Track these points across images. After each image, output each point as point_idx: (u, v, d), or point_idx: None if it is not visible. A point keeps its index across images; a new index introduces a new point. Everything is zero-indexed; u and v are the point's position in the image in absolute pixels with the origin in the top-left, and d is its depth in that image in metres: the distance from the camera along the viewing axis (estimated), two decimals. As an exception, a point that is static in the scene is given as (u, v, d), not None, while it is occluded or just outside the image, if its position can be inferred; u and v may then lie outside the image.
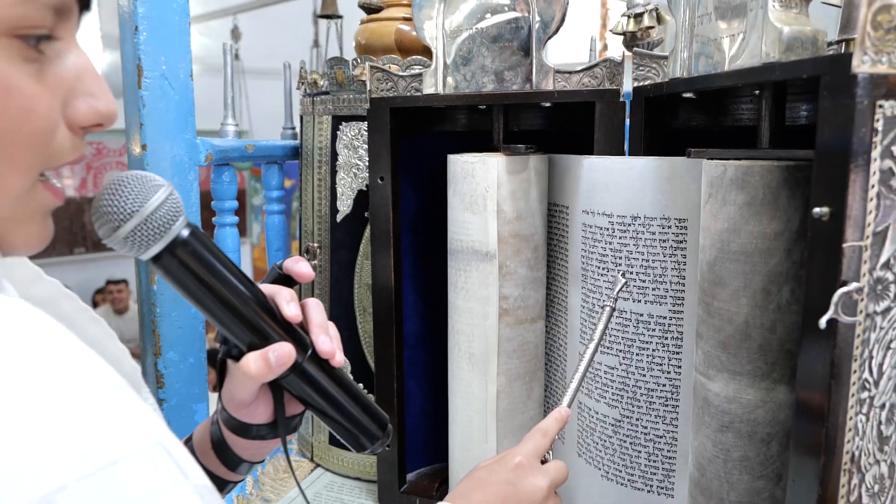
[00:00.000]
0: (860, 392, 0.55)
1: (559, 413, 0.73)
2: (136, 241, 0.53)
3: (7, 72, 0.40)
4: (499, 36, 0.93)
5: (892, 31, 0.50)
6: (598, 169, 0.88)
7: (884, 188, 0.52)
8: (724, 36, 0.68)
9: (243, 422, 0.64)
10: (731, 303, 0.68)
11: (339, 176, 1.13)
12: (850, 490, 0.57)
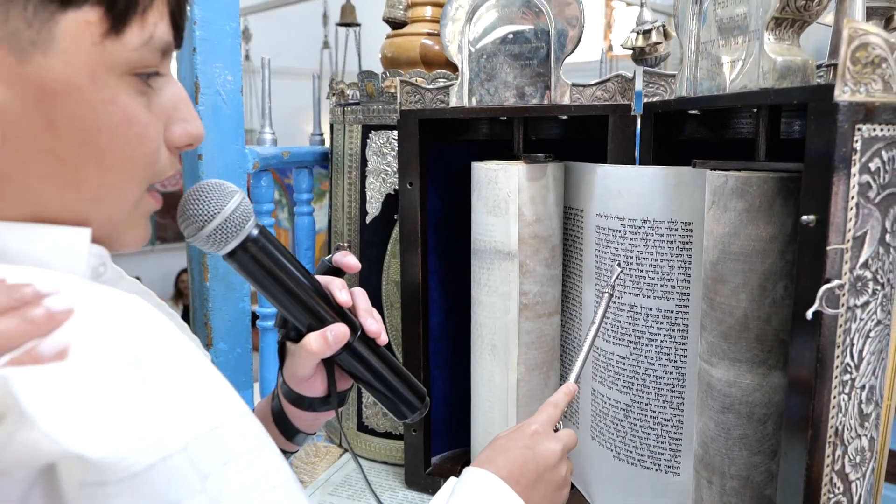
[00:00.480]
0: (843, 375, 0.64)
1: (567, 387, 0.82)
2: (216, 239, 0.62)
3: (128, 105, 0.49)
4: (520, 54, 1.02)
5: (869, 65, 0.59)
6: (610, 176, 0.96)
7: (862, 199, 0.61)
8: (725, 61, 0.77)
9: (301, 394, 0.73)
10: (731, 298, 0.77)
11: (368, 181, 1.22)
12: (835, 461, 0.66)
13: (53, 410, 0.35)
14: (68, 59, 0.45)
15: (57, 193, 0.48)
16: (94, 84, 0.46)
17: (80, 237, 0.49)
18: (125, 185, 0.51)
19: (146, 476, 0.37)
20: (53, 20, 0.43)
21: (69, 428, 0.35)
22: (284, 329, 0.73)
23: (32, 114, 0.44)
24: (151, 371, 0.42)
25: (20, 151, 0.45)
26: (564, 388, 0.83)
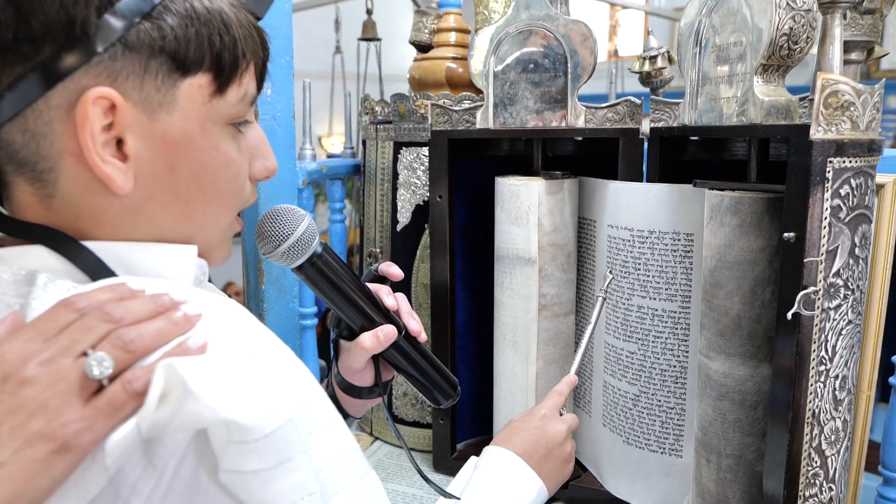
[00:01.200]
0: (818, 366, 0.76)
1: (569, 378, 0.96)
2: (289, 256, 0.75)
3: (227, 149, 0.61)
4: (540, 82, 1.14)
5: (839, 108, 0.71)
6: (621, 192, 1.08)
7: (834, 219, 0.73)
8: (722, 96, 0.89)
9: (353, 384, 0.85)
10: (726, 300, 0.89)
11: (399, 193, 1.34)
12: (812, 438, 0.78)
13: (211, 388, 0.47)
14: (185, 115, 0.57)
15: (172, 221, 0.60)
16: (204, 134, 0.58)
17: (189, 253, 0.61)
18: (221, 213, 0.64)
19: (272, 437, 0.49)
20: (176, 86, 0.55)
21: (224, 401, 0.47)
22: (338, 328, 0.85)
23: (157, 160, 0.56)
24: (263, 359, 0.54)
25: (147, 189, 0.57)
26: (566, 379, 0.96)
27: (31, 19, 0.49)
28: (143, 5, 0.52)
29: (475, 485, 0.81)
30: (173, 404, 0.45)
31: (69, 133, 0.52)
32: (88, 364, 0.43)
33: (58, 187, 0.54)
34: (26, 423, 0.41)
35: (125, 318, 0.47)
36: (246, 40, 0.58)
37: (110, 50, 0.51)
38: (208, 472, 0.48)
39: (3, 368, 0.43)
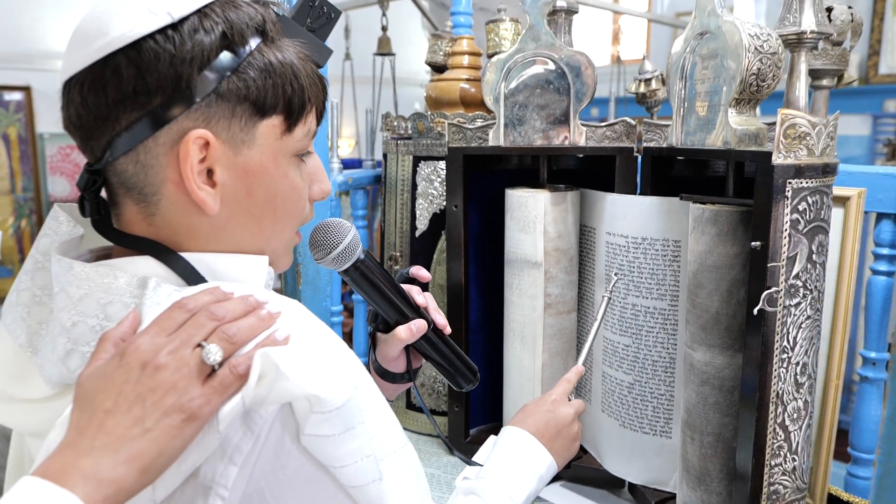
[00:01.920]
0: (781, 354, 0.90)
1: (577, 368, 1.09)
2: (337, 261, 0.89)
3: (293, 176, 0.75)
4: (546, 105, 1.28)
5: (797, 138, 0.85)
6: (618, 203, 1.22)
7: (793, 230, 0.86)
8: (703, 123, 1.03)
9: (388, 370, 0.99)
10: (707, 299, 1.03)
11: (418, 202, 1.48)
12: (777, 416, 0.92)
13: (297, 371, 0.60)
14: (262, 150, 0.70)
15: (248, 236, 0.73)
16: (276, 165, 0.72)
17: (262, 263, 0.74)
18: (287, 230, 0.78)
19: (341, 409, 0.63)
20: (255, 126, 0.69)
21: (307, 380, 0.60)
22: (375, 323, 0.99)
23: (239, 186, 0.70)
24: (329, 348, 0.67)
25: (230, 210, 0.71)
26: (575, 369, 1.10)
27: (148, 76, 0.63)
28: (232, 63, 0.66)
29: (495, 458, 0.95)
30: (269, 383, 0.59)
31: (172, 165, 0.66)
32: (205, 353, 0.57)
33: (160, 208, 0.68)
34: (163, 399, 0.55)
35: (226, 317, 0.61)
36: (311, 87, 0.72)
37: (206, 99, 0.65)
38: (291, 436, 0.61)
39: (141, 357, 0.57)
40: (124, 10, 0.63)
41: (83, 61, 0.64)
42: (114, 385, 0.55)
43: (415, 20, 3.88)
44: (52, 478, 0.50)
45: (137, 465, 0.53)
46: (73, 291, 0.64)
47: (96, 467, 0.51)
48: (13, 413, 0.70)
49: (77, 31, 0.66)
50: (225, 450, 0.59)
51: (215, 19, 0.65)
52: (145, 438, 0.53)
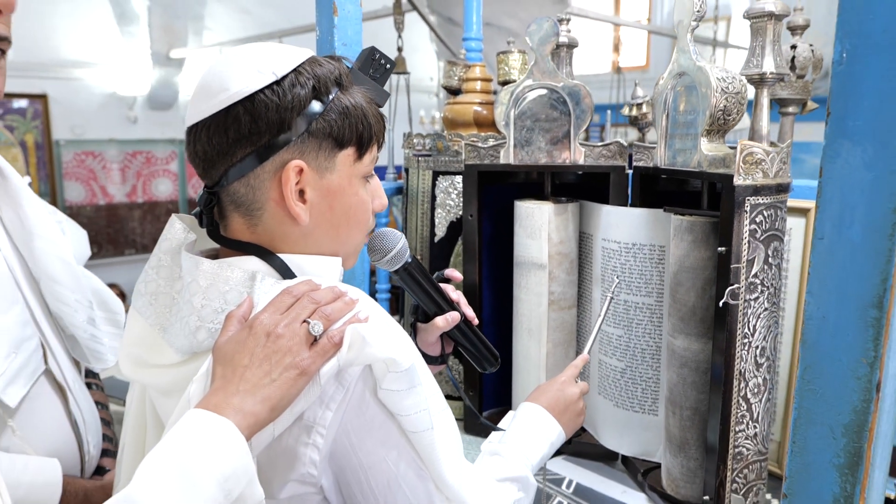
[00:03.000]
0: (743, 339, 1.10)
1: (583, 356, 1.28)
2: (391, 263, 1.08)
3: (362, 195, 0.94)
4: (549, 129, 1.48)
5: (754, 163, 1.05)
6: (612, 213, 1.42)
7: (752, 238, 1.06)
8: (682, 148, 1.23)
9: (426, 353, 1.19)
10: (685, 295, 1.23)
11: (437, 212, 1.68)
12: (740, 390, 1.11)
13: (378, 341, 0.80)
14: (339, 174, 0.90)
15: (327, 242, 0.93)
16: (350, 185, 0.92)
17: (337, 263, 0.94)
18: (357, 237, 0.97)
19: (408, 370, 0.82)
20: (335, 156, 0.89)
21: (385, 347, 0.79)
22: (415, 314, 1.19)
23: (323, 203, 0.90)
24: (394, 327, 0.87)
25: (315, 222, 0.90)
26: (581, 357, 1.29)
27: (259, 121, 0.83)
28: (320, 108, 0.86)
29: (514, 427, 1.15)
30: (356, 350, 0.79)
31: (274, 187, 0.86)
32: (311, 327, 0.77)
33: (262, 220, 0.88)
34: (283, 359, 0.75)
35: (321, 301, 0.81)
36: (375, 124, 0.92)
37: (301, 137, 0.85)
38: (370, 391, 0.81)
39: (265, 329, 0.77)
40: (239, 70, 0.83)
41: (209, 110, 0.84)
42: (247, 349, 0.76)
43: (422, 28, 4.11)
44: (213, 409, 0.70)
45: (268, 405, 0.73)
46: (202, 282, 0.84)
47: (242, 404, 0.72)
48: (149, 375, 0.90)
49: (201, 86, 0.86)
50: (323, 399, 0.79)
51: (307, 76, 0.85)
52: (273, 386, 0.74)
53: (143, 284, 0.92)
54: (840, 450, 0.69)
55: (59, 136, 7.33)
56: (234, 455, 0.70)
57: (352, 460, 0.82)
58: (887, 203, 0.64)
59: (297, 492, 0.83)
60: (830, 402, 0.69)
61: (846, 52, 0.65)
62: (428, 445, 0.86)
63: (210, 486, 0.67)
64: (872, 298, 0.66)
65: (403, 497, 0.84)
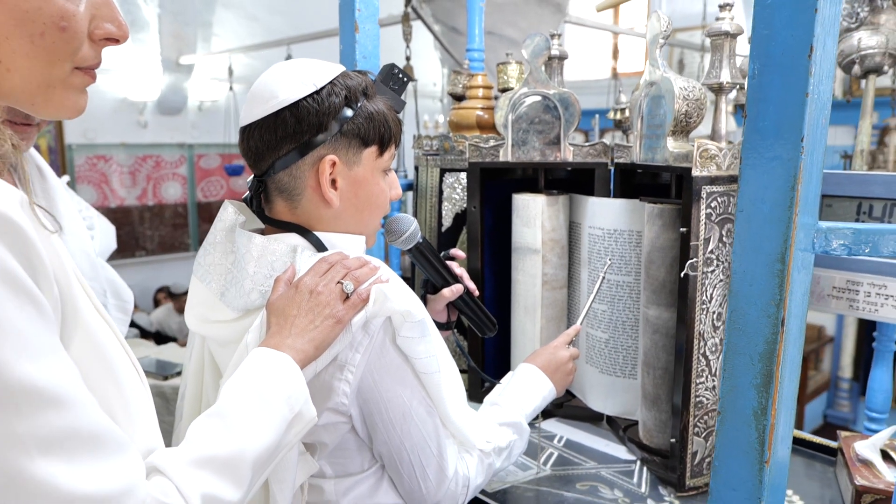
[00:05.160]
0: (701, 305, 1.31)
1: (576, 326, 1.50)
2: (405, 242, 1.30)
3: (381, 185, 1.14)
4: (542, 131, 1.70)
5: (709, 158, 1.27)
6: (597, 204, 1.64)
7: (708, 220, 1.28)
8: (653, 147, 1.45)
9: (436, 320, 1.40)
10: (657, 272, 1.44)
11: (444, 205, 1.90)
12: (699, 348, 1.33)
13: (397, 297, 1.01)
14: (364, 167, 1.12)
15: (353, 223, 1.15)
16: (372, 177, 1.14)
17: (361, 240, 1.16)
18: (376, 219, 1.19)
19: (422, 321, 1.04)
20: (361, 152, 1.11)
21: (403, 302, 1.01)
22: (425, 287, 1.40)
23: (350, 191, 1.12)
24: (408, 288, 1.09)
25: (344, 206, 1.11)
26: (574, 327, 1.51)
27: (302, 123, 1.05)
28: (350, 114, 1.07)
29: (512, 383, 1.36)
30: (380, 304, 1.01)
31: (312, 177, 1.07)
32: (344, 286, 0.99)
33: (301, 203, 1.10)
34: (323, 310, 0.97)
35: (351, 267, 1.03)
36: (394, 127, 1.14)
37: (334, 136, 1.07)
38: (390, 338, 1.03)
39: (308, 288, 0.98)
40: (287, 81, 1.05)
41: (261, 113, 1.05)
42: (295, 303, 0.97)
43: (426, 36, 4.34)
44: (273, 348, 0.92)
45: (313, 345, 0.95)
46: (254, 253, 1.06)
47: (294, 343, 0.93)
48: (210, 329, 1.11)
49: (254, 93, 1.08)
50: (353, 344, 1.01)
51: (340, 86, 1.06)
52: (316, 331, 0.95)
53: (202, 257, 1.14)
54: (757, 373, 0.91)
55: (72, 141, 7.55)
56: (293, 379, 0.91)
57: (374, 395, 1.04)
58: (786, 183, 0.85)
59: (332, 420, 1.04)
60: (749, 335, 0.91)
61: (757, 69, 0.86)
62: (435, 386, 1.07)
63: (278, 402, 0.88)
64: (778, 255, 0.87)
65: (415, 428, 1.06)
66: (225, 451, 0.79)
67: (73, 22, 0.68)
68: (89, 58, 0.71)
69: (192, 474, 0.75)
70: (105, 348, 0.72)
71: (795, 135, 0.84)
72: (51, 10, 0.66)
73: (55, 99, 0.70)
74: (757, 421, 0.92)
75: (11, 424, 0.56)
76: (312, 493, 1.10)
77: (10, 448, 0.56)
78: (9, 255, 0.57)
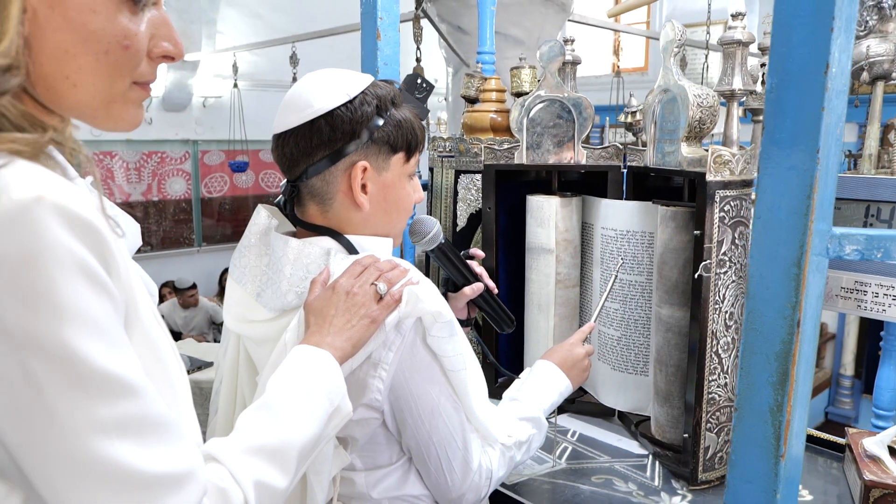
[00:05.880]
0: (714, 305, 1.36)
1: (590, 324, 1.54)
2: (428, 243, 1.34)
3: (408, 188, 1.19)
4: (556, 134, 1.74)
5: (723, 164, 1.31)
6: (609, 206, 1.68)
7: (721, 223, 1.33)
8: (666, 151, 1.49)
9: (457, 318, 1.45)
10: (670, 272, 1.49)
11: (459, 205, 1.95)
12: (712, 347, 1.38)
13: (428, 298, 1.06)
14: (393, 172, 1.16)
15: (382, 225, 1.19)
16: (399, 181, 1.18)
17: (389, 242, 1.20)
18: (403, 222, 1.23)
19: (450, 322, 1.08)
20: (390, 158, 1.15)
21: (433, 303, 1.06)
22: (446, 286, 1.45)
23: (380, 195, 1.16)
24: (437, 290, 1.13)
25: (374, 209, 1.16)
26: (588, 324, 1.55)
27: (335, 131, 1.09)
28: (380, 122, 1.12)
29: (530, 379, 1.40)
30: (412, 305, 1.05)
31: (344, 181, 1.12)
32: (378, 288, 1.04)
33: (332, 207, 1.14)
34: (358, 311, 1.01)
35: (384, 269, 1.07)
36: (420, 134, 1.18)
37: (365, 143, 1.11)
38: (420, 337, 1.08)
39: (344, 289, 1.03)
40: (321, 91, 1.09)
41: (296, 122, 1.10)
42: (332, 304, 1.02)
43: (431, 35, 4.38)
44: (314, 345, 0.97)
45: (350, 343, 0.99)
46: (290, 256, 1.10)
47: (333, 342, 0.98)
48: (247, 329, 1.16)
49: (288, 102, 1.12)
50: (386, 343, 1.05)
51: (371, 96, 1.11)
52: (353, 330, 1.00)
53: (237, 259, 1.19)
54: (773, 371, 0.95)
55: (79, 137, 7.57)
56: (333, 375, 0.96)
57: (405, 391, 1.08)
58: (803, 192, 0.90)
59: (365, 415, 1.09)
60: (766, 336, 0.95)
61: (774, 84, 0.91)
62: (462, 383, 1.12)
63: (320, 396, 0.93)
64: (794, 259, 0.92)
65: (443, 423, 1.11)
66: (273, 441, 0.84)
67: (135, 41, 0.72)
68: (146, 74, 0.75)
69: (245, 462, 0.79)
70: (158, 346, 0.77)
71: (812, 146, 0.88)
72: (115, 30, 0.70)
73: (115, 112, 0.74)
74: (773, 417, 0.96)
75: (92, 409, 0.61)
76: (344, 485, 1.14)
77: (90, 431, 0.61)
78: (90, 255, 0.61)
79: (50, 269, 0.58)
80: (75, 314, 0.60)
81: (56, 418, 0.60)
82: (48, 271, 0.58)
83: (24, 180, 0.59)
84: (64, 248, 0.59)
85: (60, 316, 0.59)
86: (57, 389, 0.59)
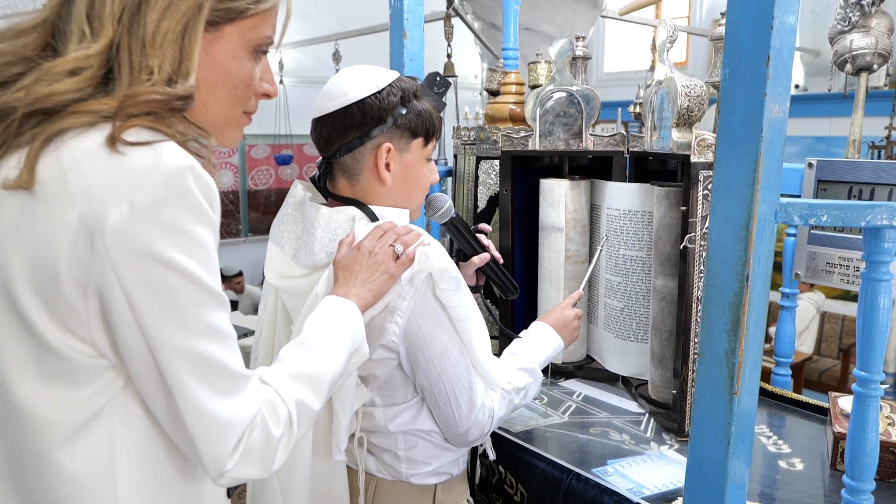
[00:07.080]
0: (698, 273, 1.52)
1: (578, 291, 1.71)
2: (442, 216, 1.53)
3: (426, 171, 1.39)
4: (567, 123, 1.91)
5: (706, 147, 1.47)
6: (614, 188, 1.85)
7: (705, 200, 1.49)
8: (662, 137, 1.65)
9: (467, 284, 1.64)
10: (664, 246, 1.65)
11: (479, 189, 2.13)
12: (697, 310, 1.53)
13: (437, 256, 1.25)
14: (412, 154, 1.35)
15: (401, 199, 1.38)
16: (418, 163, 1.37)
17: (406, 213, 1.39)
18: (420, 198, 1.42)
19: (456, 276, 1.27)
20: (410, 142, 1.34)
21: (442, 261, 1.25)
22: (457, 256, 1.64)
23: (401, 173, 1.35)
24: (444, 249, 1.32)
25: (395, 184, 1.35)
26: (577, 291, 1.72)
27: (366, 117, 1.29)
28: (403, 111, 1.31)
29: (527, 337, 1.59)
30: (423, 262, 1.24)
31: (371, 160, 1.31)
32: (396, 248, 1.23)
33: (360, 181, 1.34)
34: (378, 267, 1.21)
35: (401, 233, 1.26)
36: (437, 123, 1.37)
37: (390, 128, 1.30)
38: (430, 290, 1.27)
39: (367, 249, 1.22)
40: (354, 82, 1.29)
41: (333, 108, 1.30)
42: (357, 261, 1.22)
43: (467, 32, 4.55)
44: (342, 296, 1.17)
45: (372, 294, 1.19)
46: (321, 221, 1.31)
47: (358, 293, 1.18)
48: (284, 283, 1.37)
49: (327, 91, 1.32)
50: (402, 294, 1.25)
51: (396, 88, 1.30)
52: (375, 282, 1.20)
53: (276, 226, 1.40)
54: (728, 320, 1.12)
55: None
56: (356, 321, 1.16)
57: (418, 336, 1.27)
58: (750, 161, 1.06)
59: (383, 356, 1.28)
60: (721, 289, 1.12)
61: (727, 74, 1.07)
62: (466, 332, 1.31)
63: (346, 337, 1.13)
64: (743, 223, 1.08)
65: (451, 365, 1.30)
66: (310, 370, 1.03)
67: (253, 81, 0.94)
68: (252, 106, 0.97)
69: (289, 384, 0.99)
70: None
71: (756, 127, 1.05)
72: (243, 72, 0.92)
73: (227, 132, 0.96)
74: (727, 360, 1.13)
75: (206, 314, 0.82)
76: (365, 419, 1.34)
77: (202, 333, 0.82)
78: (210, 211, 0.82)
79: (188, 214, 0.79)
80: (199, 245, 0.80)
81: (183, 318, 0.80)
82: (186, 214, 0.78)
83: (176, 154, 0.80)
84: (197, 200, 0.79)
85: (191, 245, 0.79)
86: (186, 297, 0.80)
